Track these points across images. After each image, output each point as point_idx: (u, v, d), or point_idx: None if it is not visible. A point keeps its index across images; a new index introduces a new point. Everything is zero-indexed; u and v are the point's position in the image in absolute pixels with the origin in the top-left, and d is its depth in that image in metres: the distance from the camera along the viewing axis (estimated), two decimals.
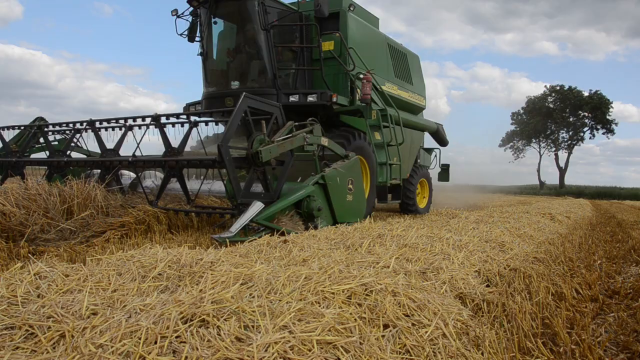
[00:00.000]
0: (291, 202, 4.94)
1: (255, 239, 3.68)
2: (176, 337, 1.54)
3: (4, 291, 1.98)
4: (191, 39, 7.97)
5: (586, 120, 50.31)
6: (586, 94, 49.19)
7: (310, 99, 7.29)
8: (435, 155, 12.00)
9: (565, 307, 2.76)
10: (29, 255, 3.66)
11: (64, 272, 2.29)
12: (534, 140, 53.02)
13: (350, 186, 5.84)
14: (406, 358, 1.72)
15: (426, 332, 1.87)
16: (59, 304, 1.85)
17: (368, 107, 7.69)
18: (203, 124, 5.94)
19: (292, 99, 7.32)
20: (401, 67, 9.90)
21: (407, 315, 1.97)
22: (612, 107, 48.66)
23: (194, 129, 5.42)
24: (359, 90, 7.66)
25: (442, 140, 12.08)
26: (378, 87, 8.25)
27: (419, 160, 10.74)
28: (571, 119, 50.87)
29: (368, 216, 8.13)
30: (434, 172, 11.93)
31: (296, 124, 5.35)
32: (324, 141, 5.61)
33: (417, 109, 10.65)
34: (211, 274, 2.21)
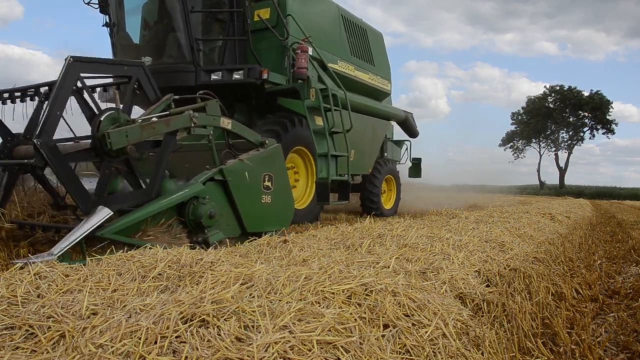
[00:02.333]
0: (165, 206, 3.52)
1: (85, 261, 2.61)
2: (176, 337, 1.54)
3: (4, 291, 1.98)
4: (104, 9, 6.75)
5: (586, 120, 50.36)
6: (586, 94, 49.27)
7: (236, 76, 6.06)
8: (406, 148, 10.78)
9: (565, 307, 2.76)
10: (29, 255, 3.66)
11: (64, 272, 2.29)
12: (534, 141, 53.07)
13: (268, 183, 4.38)
14: (406, 358, 1.72)
15: (426, 332, 1.87)
16: (59, 304, 1.85)
17: (305, 85, 6.22)
18: None
19: (214, 77, 6.12)
20: (360, 44, 8.52)
21: (407, 315, 1.98)
22: (612, 107, 48.75)
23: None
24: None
25: (411, 131, 10.85)
26: (318, 59, 6.76)
27: (385, 154, 9.62)
28: (571, 119, 50.93)
29: (317, 220, 6.94)
30: (405, 167, 10.87)
31: (176, 97, 4.00)
32: (225, 123, 4.15)
33: (381, 95, 9.28)
34: (211, 274, 2.21)
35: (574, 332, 2.33)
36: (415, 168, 11.06)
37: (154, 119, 3.69)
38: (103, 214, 3.20)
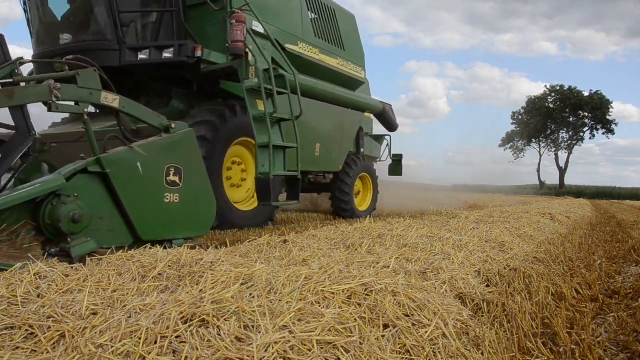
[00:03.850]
0: (2, 207, 2.62)
1: None
2: (176, 337, 1.54)
3: (4, 291, 1.98)
4: None
5: (586, 121, 50.40)
6: (586, 94, 49.30)
7: (166, 54, 5.30)
8: (387, 144, 10.01)
9: (565, 307, 2.76)
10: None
11: (64, 272, 2.29)
12: (534, 141, 53.10)
13: (175, 178, 3.48)
14: (406, 358, 1.72)
15: (426, 332, 1.87)
16: (59, 304, 1.85)
17: (243, 63, 5.24)
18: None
19: (141, 56, 5.34)
20: (326, 25, 7.59)
21: (407, 315, 1.98)
22: (612, 107, 48.78)
23: None
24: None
25: (390, 124, 9.98)
26: (265, 34, 5.73)
27: (362, 150, 8.84)
28: (571, 119, 50.96)
29: (267, 225, 6.28)
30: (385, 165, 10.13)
31: (25, 61, 3.16)
32: (108, 99, 3.23)
33: (354, 83, 8.35)
34: (211, 274, 2.21)
35: (574, 332, 2.33)
36: (396, 165, 10.26)
37: None
38: None
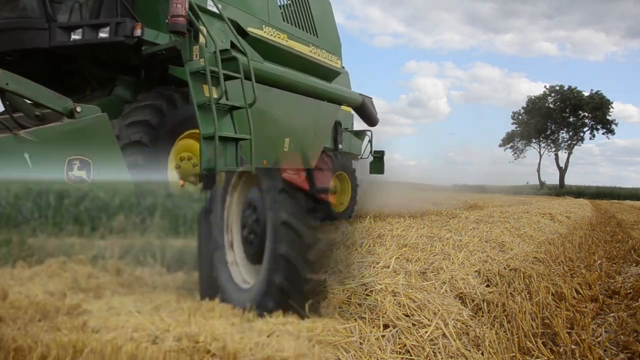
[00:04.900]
0: None
1: None
2: None
3: None
4: None
5: (586, 121, 50.37)
6: (586, 94, 49.30)
7: (102, 34, 4.63)
8: (369, 141, 9.48)
9: (565, 307, 2.76)
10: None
11: None
12: (534, 141, 53.06)
13: (80, 173, 2.87)
14: (406, 358, 1.72)
15: (426, 332, 1.87)
16: None
17: (187, 42, 4.58)
18: None
19: (74, 36, 4.69)
20: (297, 10, 6.95)
21: (407, 315, 1.98)
22: (612, 107, 48.78)
23: None
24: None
25: (370, 119, 9.22)
26: (217, 13, 5.03)
27: (340, 146, 8.34)
28: (571, 119, 50.92)
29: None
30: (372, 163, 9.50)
31: None
32: None
33: (328, 73, 7.62)
34: None
35: (574, 332, 2.33)
36: (378, 163, 9.64)
37: None
38: None
